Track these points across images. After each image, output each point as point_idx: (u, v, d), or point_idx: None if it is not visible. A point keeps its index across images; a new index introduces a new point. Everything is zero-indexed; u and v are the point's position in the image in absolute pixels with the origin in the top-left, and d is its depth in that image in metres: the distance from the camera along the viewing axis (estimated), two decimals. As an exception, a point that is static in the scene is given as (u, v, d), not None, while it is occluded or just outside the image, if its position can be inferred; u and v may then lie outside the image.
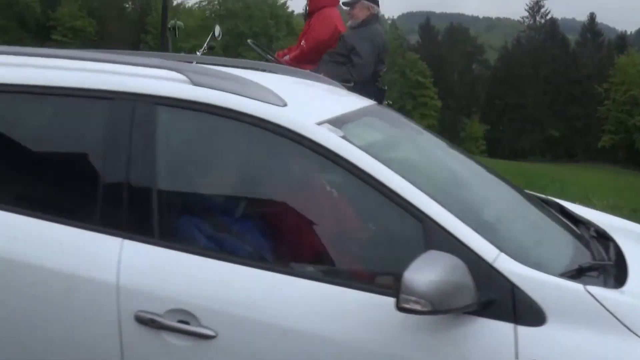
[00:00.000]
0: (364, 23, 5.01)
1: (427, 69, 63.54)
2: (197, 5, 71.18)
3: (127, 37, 68.64)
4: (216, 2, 68.94)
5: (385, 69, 5.19)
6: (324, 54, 4.95)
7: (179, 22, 5.77)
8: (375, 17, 5.12)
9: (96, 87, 2.09)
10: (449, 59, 66.27)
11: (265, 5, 67.41)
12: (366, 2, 5.09)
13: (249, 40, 5.26)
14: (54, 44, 66.90)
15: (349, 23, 5.12)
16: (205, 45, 5.96)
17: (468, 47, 71.10)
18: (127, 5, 74.19)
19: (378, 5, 5.15)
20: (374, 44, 4.91)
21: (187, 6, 73.45)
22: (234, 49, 64.57)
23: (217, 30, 5.88)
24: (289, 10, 70.06)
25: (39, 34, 70.11)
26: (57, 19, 71.88)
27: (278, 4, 68.55)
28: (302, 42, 5.25)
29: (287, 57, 5.36)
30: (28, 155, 2.22)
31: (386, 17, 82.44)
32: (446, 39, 70.56)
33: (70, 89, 2.11)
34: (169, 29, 5.20)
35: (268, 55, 5.21)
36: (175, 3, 73.74)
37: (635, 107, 56.34)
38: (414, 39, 77.91)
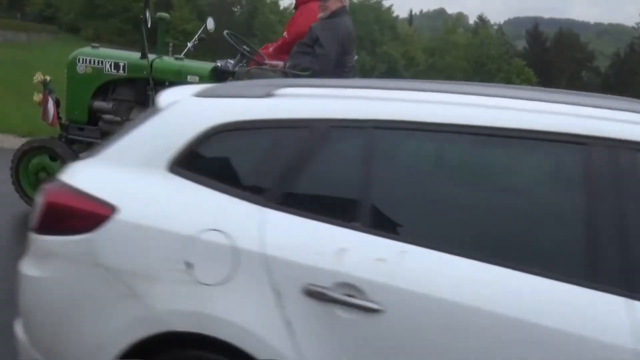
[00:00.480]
0: (333, 14, 5.10)
1: (533, 76, 62.07)
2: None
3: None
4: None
5: (355, 58, 5.28)
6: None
7: (161, 14, 5.68)
8: (344, 10, 5.21)
9: (570, 132, 2.04)
10: (557, 66, 64.41)
11: (370, 9, 67.72)
12: None
13: (225, 32, 5.26)
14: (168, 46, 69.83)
15: (320, 14, 5.15)
16: (196, 37, 5.94)
17: (578, 54, 68.84)
18: (235, 9, 76.36)
19: None
20: (338, 35, 4.95)
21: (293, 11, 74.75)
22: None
23: (210, 23, 5.71)
24: (394, 15, 70.09)
25: (151, 37, 73.28)
26: (170, 22, 74.63)
27: (383, 8, 68.68)
28: (285, 34, 5.44)
29: (271, 49, 5.58)
30: (493, 201, 2.19)
31: (492, 22, 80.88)
32: (555, 45, 68.61)
33: (536, 132, 2.06)
34: (143, 20, 5.15)
35: (244, 47, 5.28)
36: (282, 8, 75.27)
37: None
38: (520, 44, 76.23)
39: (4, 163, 5.53)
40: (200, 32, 5.75)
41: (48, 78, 5.45)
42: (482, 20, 75.22)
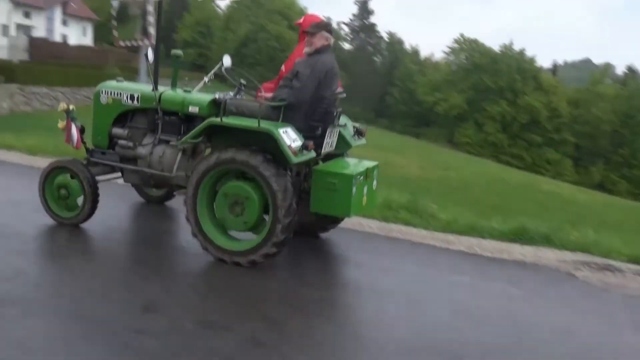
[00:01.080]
0: (317, 51, 5.33)
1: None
2: (444, 59, 73.62)
3: (375, 89, 72.94)
4: (463, 57, 70.74)
5: (339, 91, 5.44)
6: None
7: (176, 51, 5.99)
8: (328, 47, 5.42)
9: None
10: None
11: (512, 59, 67.71)
12: (326, 34, 5.42)
13: (223, 68, 5.56)
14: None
15: (306, 49, 5.41)
16: (211, 72, 6.26)
17: None
18: (376, 59, 78.98)
19: (331, 33, 5.52)
20: (315, 71, 5.16)
21: (433, 60, 76.34)
22: (477, 103, 65.97)
23: (227, 60, 5.86)
24: (537, 64, 69.48)
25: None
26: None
27: (525, 58, 68.41)
28: (282, 68, 5.70)
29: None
30: None
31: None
32: None
33: None
34: (146, 56, 5.49)
35: (241, 80, 5.65)
36: (423, 57, 77.01)
37: None
38: None
39: None
40: (216, 68, 6.08)
41: (71, 107, 5.96)
42: (631, 71, 72.49)
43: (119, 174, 6.09)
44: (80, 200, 5.83)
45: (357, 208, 5.27)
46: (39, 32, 71.77)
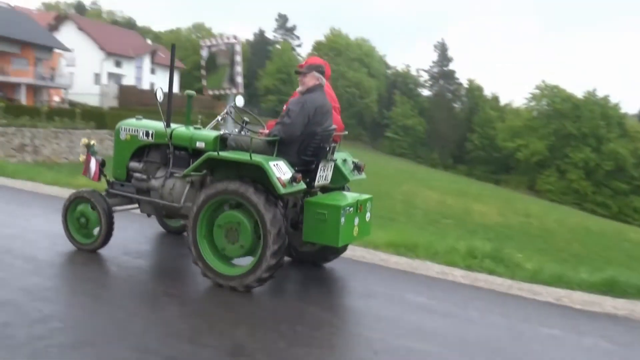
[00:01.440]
0: (309, 90, 5.74)
1: None
2: (525, 105, 72.45)
3: (454, 135, 72.30)
4: (545, 103, 69.43)
5: (332, 128, 5.79)
6: None
7: (189, 91, 6.46)
8: (319, 86, 5.81)
9: None
10: None
11: (596, 105, 65.96)
12: (317, 74, 5.79)
13: (227, 108, 6.30)
14: (387, 141, 74.07)
15: (299, 89, 5.83)
16: (224, 112, 6.73)
17: None
18: (455, 105, 78.64)
19: (323, 74, 5.86)
20: (305, 109, 5.54)
21: (513, 106, 75.22)
22: (559, 150, 64.33)
23: (240, 101, 6.32)
24: (622, 111, 67.38)
25: (374, 131, 78.16)
26: (391, 117, 78.85)
27: (610, 104, 66.49)
28: (284, 106, 5.85)
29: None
30: None
31: None
32: None
33: None
34: (155, 94, 5.89)
35: (244, 118, 6.12)
36: (503, 104, 76.10)
37: None
38: None
39: None
40: (227, 108, 6.67)
41: (92, 142, 6.64)
42: None
43: (136, 204, 6.55)
44: (96, 230, 6.31)
45: (346, 238, 5.62)
46: (129, 80, 75.68)
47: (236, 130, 6.25)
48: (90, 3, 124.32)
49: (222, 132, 6.01)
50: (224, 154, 5.48)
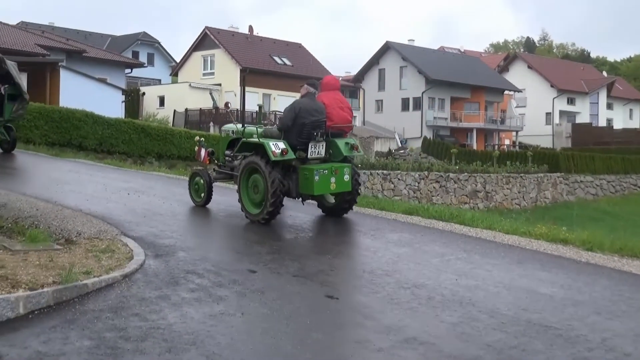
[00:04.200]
0: (302, 96, 10.26)
1: None
2: None
3: None
4: None
5: (321, 120, 10.07)
6: None
7: (259, 103, 12.23)
8: (309, 94, 10.21)
9: None
10: None
11: None
12: (307, 87, 10.32)
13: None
14: None
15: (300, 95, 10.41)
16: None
17: None
18: None
19: (315, 87, 10.40)
20: (293, 109, 9.92)
21: None
22: None
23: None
24: None
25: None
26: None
27: None
28: None
29: None
30: None
31: None
32: None
33: None
34: (214, 103, 12.47)
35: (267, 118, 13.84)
36: None
37: None
38: None
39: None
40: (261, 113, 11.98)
41: (202, 139, 12.28)
42: None
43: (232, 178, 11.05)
44: (203, 194, 11.18)
45: (322, 189, 9.90)
46: (583, 117, 74.26)
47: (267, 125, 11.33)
48: (539, 39, 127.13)
49: (256, 126, 10.66)
50: (247, 139, 10.30)
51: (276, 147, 9.45)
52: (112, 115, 28.55)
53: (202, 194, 11.06)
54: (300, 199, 10.41)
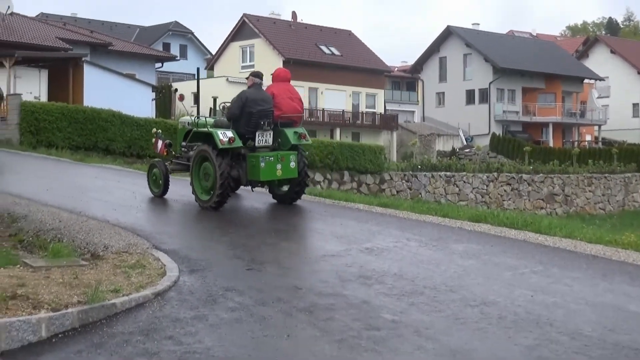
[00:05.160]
0: (249, 87, 12.17)
1: None
2: None
3: None
4: None
5: (267, 108, 11.81)
6: None
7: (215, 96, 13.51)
8: (255, 84, 12.12)
9: None
10: None
11: None
12: (253, 77, 12.22)
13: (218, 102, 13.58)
14: None
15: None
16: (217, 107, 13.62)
17: None
18: None
19: (260, 78, 12.31)
20: (240, 98, 11.72)
21: None
22: None
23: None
24: None
25: None
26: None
27: None
28: None
29: None
30: None
31: None
32: None
33: None
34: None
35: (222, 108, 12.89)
36: None
37: None
38: None
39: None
40: (223, 103, 12.97)
41: (159, 131, 14.14)
42: None
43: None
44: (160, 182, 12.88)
45: (268, 175, 11.62)
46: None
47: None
48: (622, 20, 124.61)
49: (205, 117, 12.67)
50: (198, 129, 12.08)
51: (224, 135, 11.13)
52: (142, 114, 29.01)
53: (158, 187, 12.89)
54: (250, 186, 12.35)
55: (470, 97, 65.44)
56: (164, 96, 43.20)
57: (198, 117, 12.71)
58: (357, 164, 33.30)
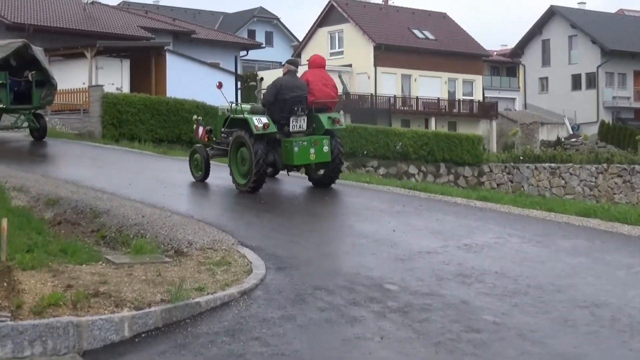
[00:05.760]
0: (284, 74, 13.15)
1: None
2: None
3: None
4: None
5: (303, 94, 12.80)
6: None
7: (252, 83, 15.81)
8: (290, 71, 13.19)
9: None
10: None
11: None
12: (288, 65, 13.42)
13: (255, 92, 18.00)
14: None
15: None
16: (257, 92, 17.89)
17: None
18: None
19: (295, 65, 13.65)
20: (275, 86, 12.73)
21: None
22: None
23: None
24: None
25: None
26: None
27: None
28: None
29: None
30: None
31: None
32: None
33: None
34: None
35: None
36: None
37: None
38: None
39: None
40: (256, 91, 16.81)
41: (200, 117, 15.94)
42: None
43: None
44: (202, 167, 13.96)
45: (302, 160, 12.75)
46: None
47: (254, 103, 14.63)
48: None
49: (240, 105, 13.92)
50: (235, 116, 13.18)
51: (259, 121, 12.10)
52: (227, 105, 29.32)
53: (200, 171, 13.97)
54: (286, 170, 13.55)
55: (576, 82, 63.88)
56: (250, 86, 43.63)
57: (236, 104, 14.01)
58: (453, 155, 32.94)
